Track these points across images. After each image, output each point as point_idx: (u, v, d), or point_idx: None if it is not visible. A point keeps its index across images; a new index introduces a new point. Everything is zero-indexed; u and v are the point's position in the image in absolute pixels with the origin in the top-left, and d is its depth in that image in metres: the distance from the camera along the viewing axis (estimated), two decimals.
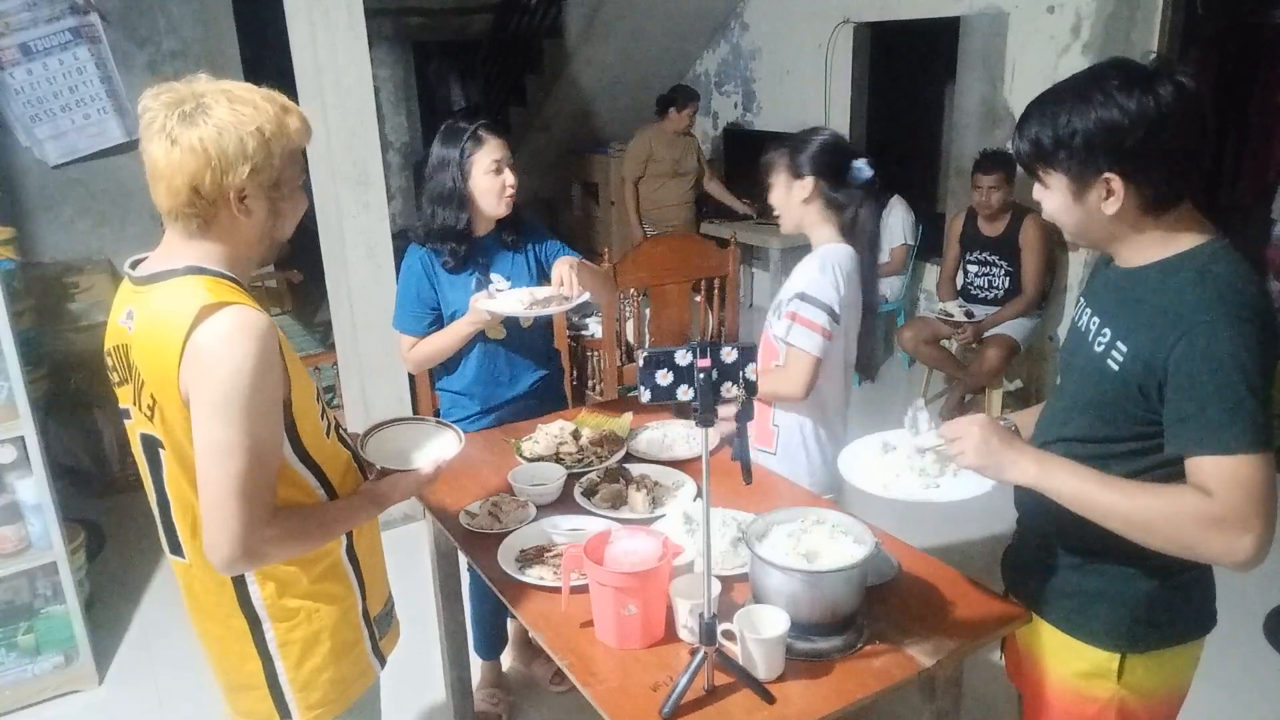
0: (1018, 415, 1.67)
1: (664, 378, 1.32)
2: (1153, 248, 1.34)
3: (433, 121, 7.80)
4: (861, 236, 2.14)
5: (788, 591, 1.45)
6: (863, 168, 2.10)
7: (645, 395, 1.33)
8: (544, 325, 2.49)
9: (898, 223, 4.99)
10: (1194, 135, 1.27)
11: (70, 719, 2.74)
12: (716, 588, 1.48)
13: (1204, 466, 1.26)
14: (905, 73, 5.70)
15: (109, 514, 3.69)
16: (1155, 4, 3.89)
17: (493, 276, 2.35)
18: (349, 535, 1.52)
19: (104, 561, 3.44)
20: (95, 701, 2.79)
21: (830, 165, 2.08)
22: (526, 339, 2.42)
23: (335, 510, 1.46)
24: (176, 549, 1.45)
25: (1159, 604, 1.43)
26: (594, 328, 4.03)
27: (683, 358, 1.31)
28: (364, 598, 1.55)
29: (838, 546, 1.51)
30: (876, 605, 1.56)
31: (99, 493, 3.91)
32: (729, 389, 1.33)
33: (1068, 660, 1.50)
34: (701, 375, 1.31)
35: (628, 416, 2.34)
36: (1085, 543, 1.43)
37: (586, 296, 2.25)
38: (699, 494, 1.66)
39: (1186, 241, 1.32)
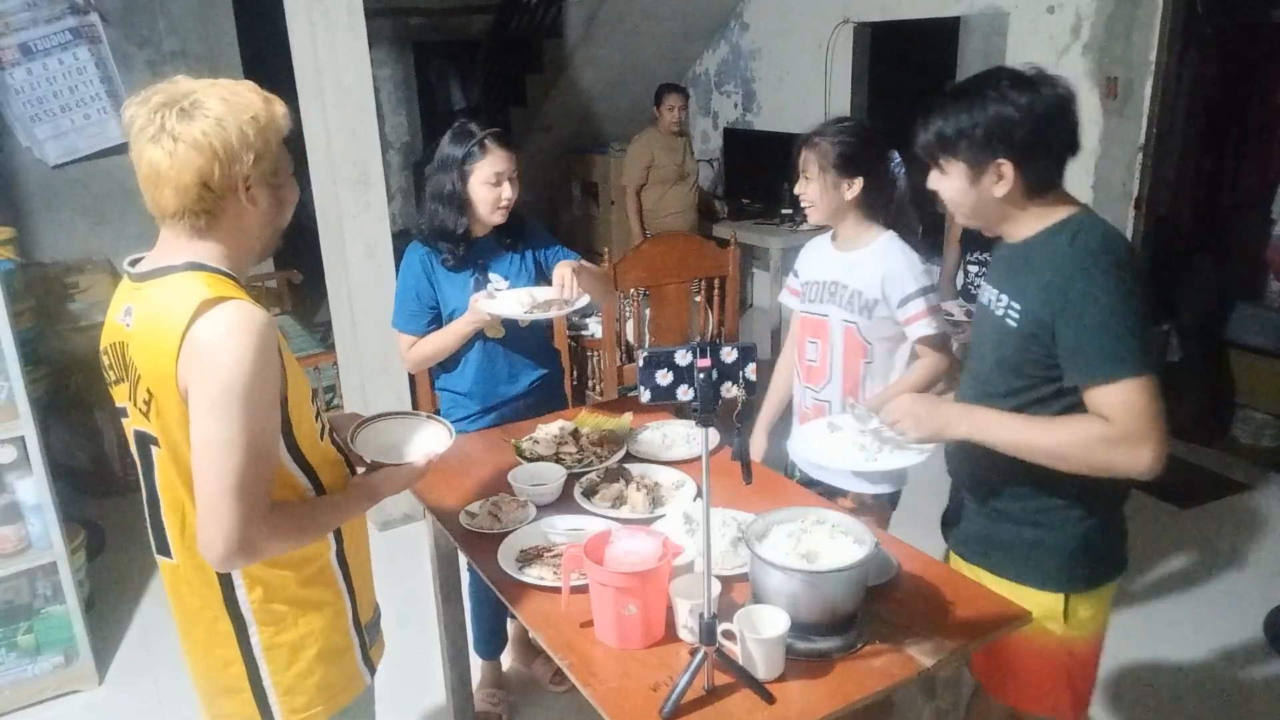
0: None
1: (664, 378, 1.32)
2: (1034, 222, 1.55)
3: (433, 121, 7.79)
4: (905, 216, 2.19)
5: (788, 591, 1.45)
6: (897, 159, 2.17)
7: (645, 395, 1.34)
8: (543, 325, 2.49)
9: None
10: (1069, 130, 1.51)
11: (70, 719, 2.74)
12: (716, 588, 1.48)
13: (1097, 395, 1.45)
14: (905, 73, 5.69)
15: (109, 514, 3.69)
16: (1155, 4, 3.89)
17: (491, 276, 2.35)
18: (339, 540, 1.51)
19: (104, 561, 3.44)
20: (95, 701, 2.79)
21: (878, 165, 2.11)
22: (526, 339, 2.42)
23: (329, 504, 1.46)
24: (164, 549, 1.45)
25: (1089, 545, 1.61)
26: (594, 328, 4.02)
27: (683, 358, 1.32)
28: (354, 604, 1.54)
29: (838, 546, 1.52)
30: (876, 605, 1.56)
31: (99, 493, 3.91)
32: (729, 389, 1.33)
33: None
34: (701, 375, 1.31)
35: (628, 416, 2.34)
36: (1018, 496, 1.62)
37: (586, 300, 2.24)
38: (699, 494, 1.66)
39: (1061, 213, 1.54)
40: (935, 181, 1.59)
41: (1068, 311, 1.46)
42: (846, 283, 2.14)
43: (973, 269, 4.42)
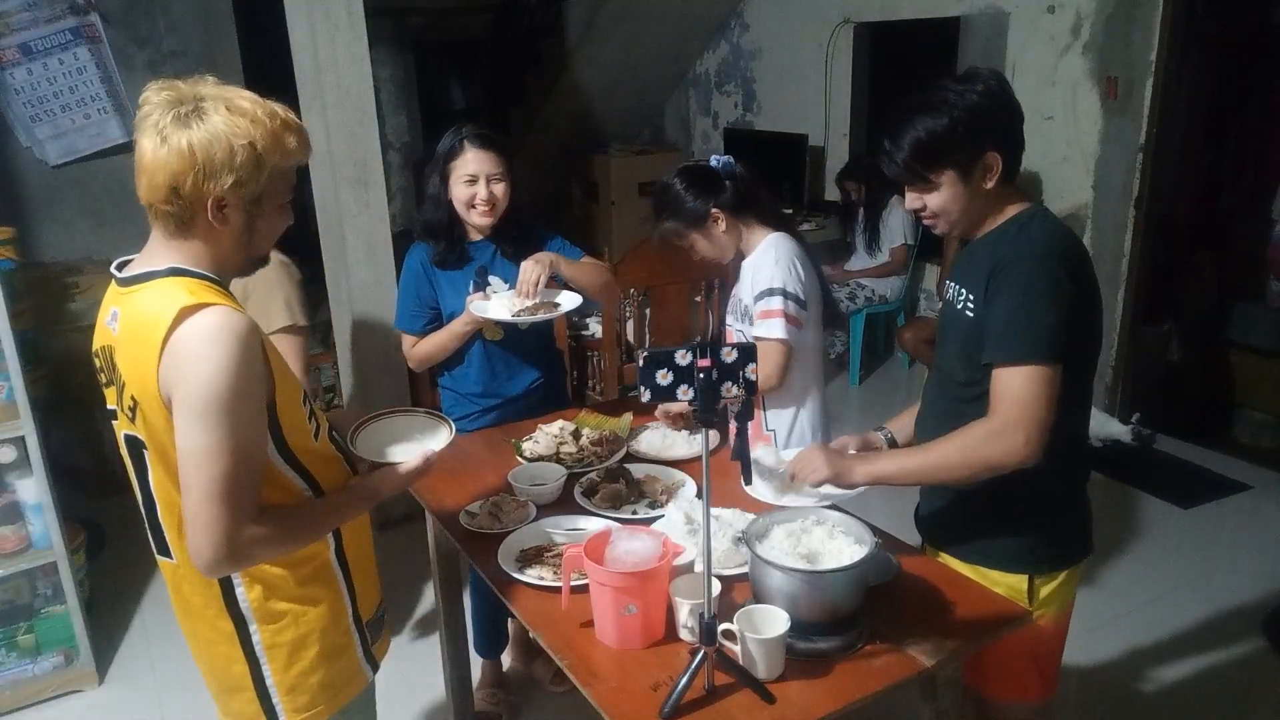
0: (893, 421, 1.90)
1: (664, 378, 1.32)
2: (995, 217, 1.60)
3: (433, 121, 7.78)
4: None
5: (788, 591, 1.45)
6: (720, 160, 2.11)
7: (645, 395, 1.33)
8: (546, 327, 2.48)
9: (898, 223, 4.98)
10: (1020, 110, 1.55)
11: (70, 719, 2.74)
12: (716, 588, 1.48)
13: (998, 375, 1.51)
14: (905, 73, 5.69)
15: (109, 514, 3.69)
16: (1155, 4, 3.89)
17: (491, 280, 2.35)
18: (338, 538, 1.50)
19: (104, 561, 3.44)
20: (95, 701, 2.79)
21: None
22: (527, 340, 2.41)
23: (323, 507, 1.45)
24: (164, 549, 1.45)
25: (1052, 527, 1.67)
26: (594, 328, 4.03)
27: (683, 358, 1.32)
28: (354, 602, 1.54)
29: (838, 546, 1.52)
30: (876, 605, 1.56)
31: (99, 493, 3.90)
32: (729, 389, 1.33)
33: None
34: (701, 375, 1.31)
35: (628, 416, 2.34)
36: (984, 490, 1.63)
37: (579, 301, 2.23)
38: (699, 494, 1.66)
39: (1015, 209, 1.59)
40: (917, 199, 1.60)
41: (998, 296, 1.52)
42: (739, 293, 2.15)
43: None
